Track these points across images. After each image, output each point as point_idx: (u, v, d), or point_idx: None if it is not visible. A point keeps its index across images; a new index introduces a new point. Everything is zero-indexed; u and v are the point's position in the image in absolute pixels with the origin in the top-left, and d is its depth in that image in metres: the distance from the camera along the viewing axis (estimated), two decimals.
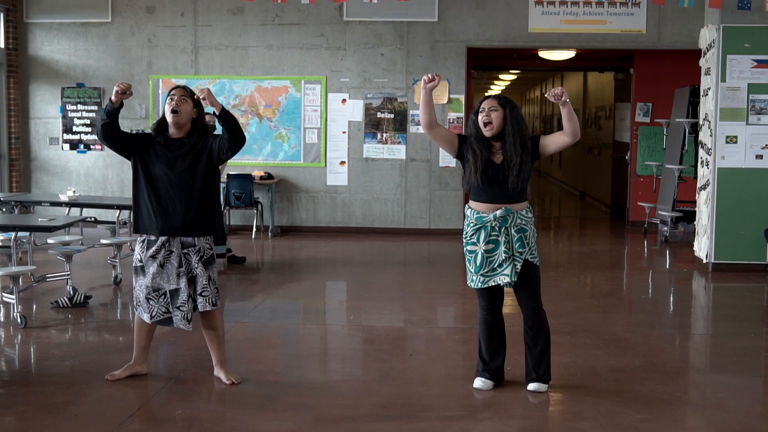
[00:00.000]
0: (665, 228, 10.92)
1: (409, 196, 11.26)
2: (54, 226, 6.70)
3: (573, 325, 6.33)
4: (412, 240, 10.84)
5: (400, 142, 11.22)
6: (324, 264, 9.28)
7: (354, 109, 11.24)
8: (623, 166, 12.97)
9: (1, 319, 6.42)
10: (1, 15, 11.27)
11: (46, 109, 11.64)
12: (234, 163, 11.17)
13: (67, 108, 11.61)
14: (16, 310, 6.13)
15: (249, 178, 10.77)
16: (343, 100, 11.24)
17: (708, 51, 8.87)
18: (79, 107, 11.56)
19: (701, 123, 9.13)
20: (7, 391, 4.79)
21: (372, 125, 11.24)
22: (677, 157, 11.05)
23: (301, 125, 11.31)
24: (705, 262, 8.81)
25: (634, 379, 4.98)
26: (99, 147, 11.59)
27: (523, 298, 4.64)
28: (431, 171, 11.17)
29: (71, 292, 6.85)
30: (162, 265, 4.66)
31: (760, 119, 8.56)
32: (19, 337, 5.89)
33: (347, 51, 11.18)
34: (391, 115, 11.20)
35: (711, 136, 8.71)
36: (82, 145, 11.63)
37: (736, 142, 8.58)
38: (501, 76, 21.00)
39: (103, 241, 8.04)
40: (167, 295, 4.69)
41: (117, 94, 4.59)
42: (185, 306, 4.67)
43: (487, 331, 4.74)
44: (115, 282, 7.65)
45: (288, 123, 11.33)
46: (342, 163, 11.29)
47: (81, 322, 6.40)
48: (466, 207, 4.71)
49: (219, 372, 4.87)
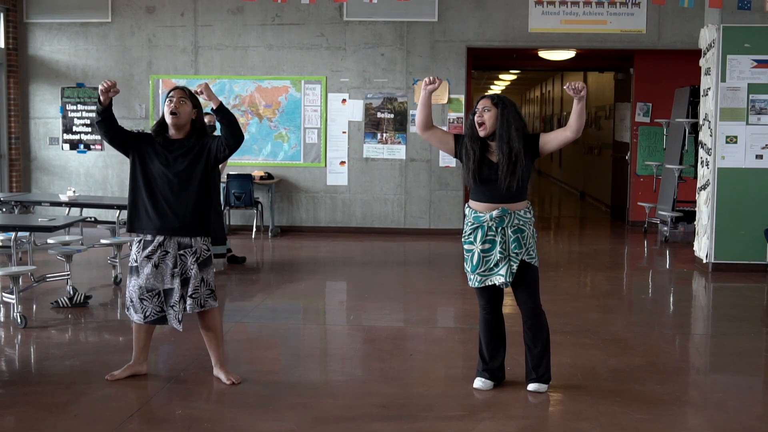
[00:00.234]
0: (665, 228, 10.92)
1: (409, 196, 11.26)
2: (54, 226, 6.70)
3: (573, 325, 6.33)
4: (412, 240, 10.84)
5: (400, 142, 11.22)
6: (324, 264, 9.28)
7: (354, 109, 11.24)
8: (623, 166, 12.98)
9: (1, 319, 6.42)
10: (1, 15, 11.27)
11: (46, 109, 11.64)
12: (234, 163, 11.17)
13: (67, 108, 11.61)
14: (16, 310, 6.13)
15: (249, 178, 10.77)
16: (343, 100, 11.24)
17: (708, 51, 8.87)
18: (79, 107, 11.56)
19: (701, 123, 9.13)
20: (7, 391, 4.79)
21: (372, 125, 11.24)
22: (677, 157, 11.05)
23: (301, 125, 11.31)
24: (705, 262, 8.81)
25: (634, 379, 4.98)
26: (99, 147, 11.60)
27: (522, 298, 4.64)
28: (431, 171, 11.17)
29: (71, 292, 6.85)
30: (156, 266, 4.66)
31: (760, 119, 8.56)
32: (19, 337, 5.89)
33: (347, 51, 11.18)
34: (391, 115, 11.20)
35: (711, 136, 8.71)
36: (82, 145, 11.63)
37: (736, 142, 8.58)
38: (501, 76, 21.01)
39: (103, 241, 8.04)
40: (161, 295, 4.70)
41: (103, 93, 4.60)
42: (177, 306, 4.68)
43: (487, 330, 4.75)
44: (115, 282, 7.65)
45: (288, 123, 11.33)
46: (342, 163, 11.29)
47: (81, 322, 6.40)
48: (466, 206, 4.72)
49: (219, 372, 4.87)
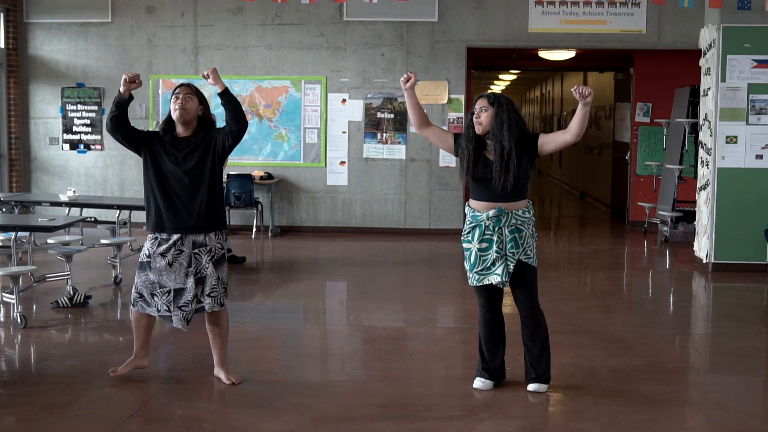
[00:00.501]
0: (665, 228, 10.92)
1: (409, 196, 11.26)
2: (54, 226, 6.70)
3: (573, 325, 6.33)
4: (412, 240, 10.84)
5: (400, 142, 11.22)
6: (324, 264, 9.28)
7: (354, 109, 11.24)
8: (623, 166, 12.98)
9: (1, 319, 6.42)
10: (1, 15, 11.27)
11: (46, 109, 11.64)
12: (234, 163, 11.18)
13: (67, 108, 11.61)
14: (16, 310, 6.13)
15: (249, 178, 10.77)
16: (343, 100, 11.24)
17: (708, 51, 8.87)
18: (79, 107, 11.56)
19: (701, 123, 9.13)
20: (7, 391, 4.79)
21: (372, 125, 11.24)
22: (677, 157, 11.05)
23: (301, 125, 11.31)
24: (705, 262, 8.81)
25: (634, 379, 4.98)
26: (99, 147, 11.60)
27: (520, 298, 4.64)
28: (431, 171, 11.17)
29: (71, 292, 6.85)
30: (170, 264, 4.66)
31: (760, 119, 8.56)
32: (19, 337, 5.90)
33: (347, 51, 11.18)
34: (391, 115, 11.20)
35: (711, 136, 8.71)
36: (82, 145, 11.63)
37: (736, 142, 8.58)
38: (501, 76, 21.01)
39: (103, 241, 8.03)
40: (171, 294, 4.69)
41: (125, 83, 4.60)
42: (188, 306, 4.67)
43: (486, 329, 4.75)
44: (115, 282, 7.65)
45: (288, 123, 11.33)
46: (342, 163, 11.29)
47: (81, 322, 6.40)
48: (466, 205, 4.73)
49: (219, 372, 4.87)
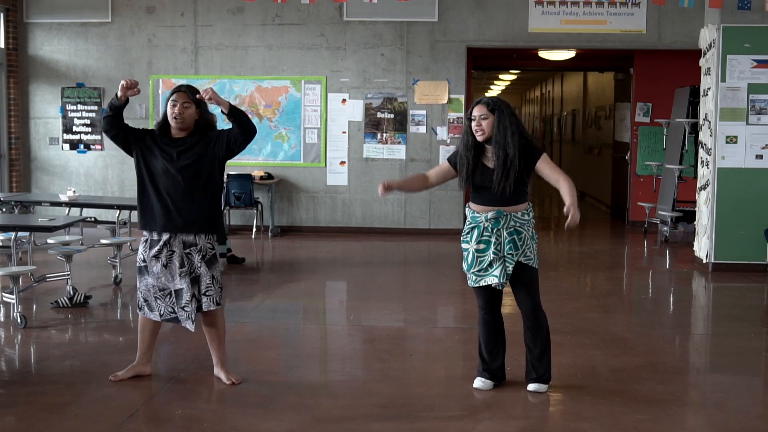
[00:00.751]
0: (665, 228, 10.92)
1: (408, 196, 11.25)
2: (54, 226, 6.70)
3: (573, 325, 6.33)
4: (412, 240, 10.84)
5: (400, 142, 11.22)
6: (324, 264, 9.28)
7: (354, 109, 11.24)
8: (623, 166, 12.98)
9: (1, 319, 6.42)
10: (1, 15, 11.27)
11: (46, 109, 11.65)
12: (234, 163, 11.17)
13: (67, 108, 11.61)
14: (16, 310, 6.13)
15: (249, 178, 10.77)
16: (343, 100, 11.24)
17: (708, 51, 8.87)
18: (79, 107, 11.56)
19: (701, 123, 9.13)
20: (7, 391, 4.79)
21: (372, 125, 11.24)
22: (677, 157, 11.05)
23: (301, 125, 11.31)
24: (705, 262, 8.81)
25: (634, 379, 4.98)
26: (99, 147, 11.60)
27: (520, 299, 4.64)
28: None
29: (71, 292, 6.85)
30: (165, 265, 4.66)
31: (760, 119, 8.56)
32: (19, 337, 5.89)
33: (347, 51, 11.18)
34: (391, 115, 11.21)
35: (711, 136, 8.71)
36: (82, 145, 11.63)
37: (736, 142, 8.58)
38: (501, 76, 21.01)
39: (103, 241, 8.03)
40: (173, 295, 4.69)
41: (123, 89, 4.59)
42: (189, 306, 4.66)
43: (486, 330, 4.75)
44: (115, 282, 7.65)
45: (288, 123, 11.34)
46: (342, 163, 11.29)
47: (81, 322, 6.40)
48: (467, 206, 4.72)
49: (219, 372, 4.86)
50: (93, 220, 9.33)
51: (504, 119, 4.51)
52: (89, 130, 11.59)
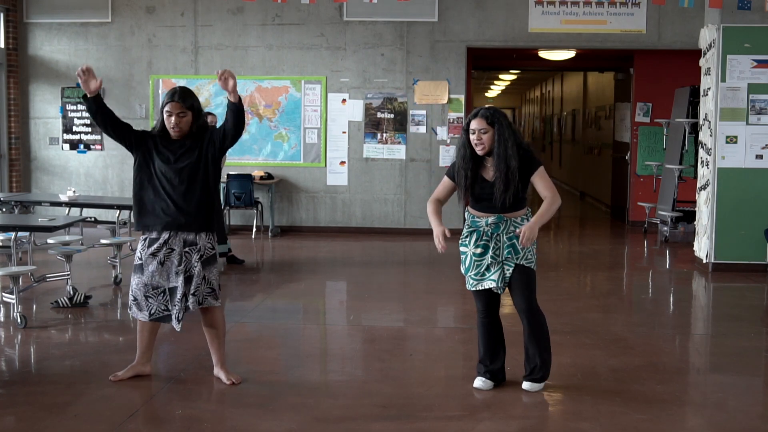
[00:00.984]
0: (665, 228, 10.92)
1: (409, 196, 11.26)
2: (54, 226, 6.70)
3: (573, 325, 6.33)
4: (412, 240, 10.84)
5: (400, 142, 11.22)
6: (324, 264, 9.28)
7: (354, 109, 11.24)
8: (623, 166, 12.98)
9: (1, 319, 6.42)
10: (1, 15, 11.27)
11: (46, 109, 11.65)
12: (234, 163, 11.18)
13: (67, 108, 11.61)
14: (16, 310, 6.13)
15: (249, 178, 10.77)
16: (343, 100, 11.24)
17: (708, 51, 8.87)
18: (79, 107, 11.56)
19: (701, 123, 9.13)
20: (7, 391, 4.79)
21: (372, 125, 11.24)
22: (677, 157, 11.05)
23: (301, 125, 11.31)
24: (705, 262, 8.81)
25: (634, 379, 4.98)
26: (99, 147, 11.60)
27: (518, 300, 4.64)
28: (431, 171, 11.17)
29: (71, 292, 6.85)
30: (162, 263, 4.67)
31: (760, 119, 8.56)
32: (19, 337, 5.89)
33: (347, 51, 11.18)
34: (391, 115, 11.21)
35: (711, 136, 8.71)
36: (82, 145, 11.63)
37: (736, 142, 8.58)
38: (501, 76, 21.01)
39: (103, 241, 8.03)
40: (167, 293, 4.70)
41: (82, 83, 4.61)
42: (179, 305, 4.68)
43: (485, 334, 4.75)
44: (115, 282, 7.65)
45: (288, 123, 11.34)
46: (342, 163, 11.29)
47: (81, 322, 6.40)
48: (466, 209, 4.73)
49: (219, 372, 4.87)
50: (93, 220, 9.33)
51: (503, 131, 4.50)
52: (89, 130, 11.59)
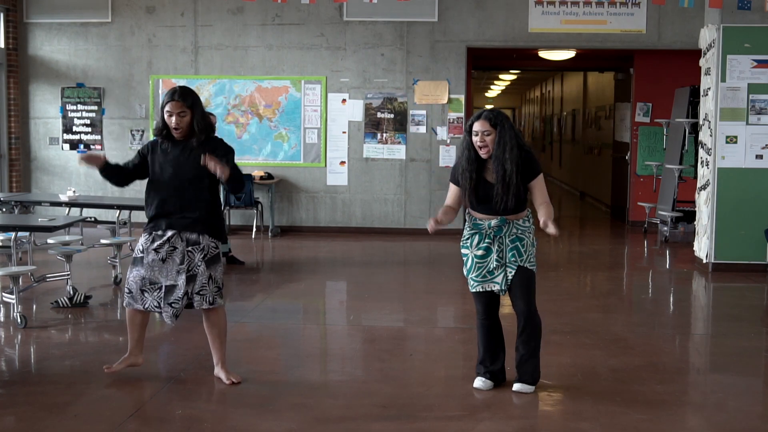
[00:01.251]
0: (665, 228, 10.92)
1: (409, 196, 11.26)
2: (54, 226, 6.70)
3: (573, 325, 6.33)
4: (412, 240, 10.84)
5: (400, 142, 11.22)
6: (324, 264, 9.28)
7: (354, 109, 11.24)
8: (623, 166, 12.98)
9: (1, 319, 6.42)
10: (1, 15, 11.27)
11: (46, 109, 11.65)
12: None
13: (67, 108, 11.61)
14: (16, 310, 6.13)
15: (249, 178, 10.76)
16: (343, 100, 11.24)
17: (708, 51, 8.87)
18: (79, 107, 11.56)
19: (701, 123, 9.13)
20: (7, 391, 4.79)
21: (372, 125, 11.24)
22: (677, 157, 11.05)
23: (301, 125, 11.31)
24: (705, 262, 8.81)
25: (634, 379, 4.98)
26: (99, 147, 11.60)
27: (518, 302, 4.63)
28: (431, 171, 11.17)
29: (71, 292, 6.85)
30: (164, 260, 4.68)
31: (760, 119, 8.56)
32: (19, 337, 5.89)
33: (347, 51, 11.18)
34: (391, 115, 11.21)
35: (711, 136, 8.71)
36: (82, 145, 11.63)
37: (736, 142, 8.58)
38: (501, 76, 21.01)
39: (103, 241, 8.04)
40: (162, 290, 4.71)
41: (87, 164, 4.88)
42: (178, 303, 4.69)
43: (485, 335, 4.75)
44: (115, 282, 7.65)
45: (288, 123, 11.34)
46: (342, 163, 11.29)
47: (81, 322, 6.40)
48: (467, 211, 4.73)
49: (219, 372, 4.87)
50: (93, 220, 9.33)
51: (504, 134, 4.50)
52: (89, 130, 11.59)
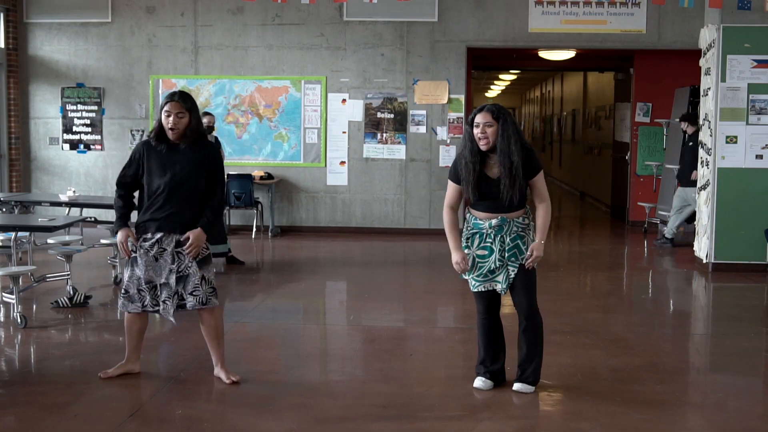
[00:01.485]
0: (665, 228, 10.91)
1: (409, 196, 11.26)
2: (54, 226, 6.70)
3: (573, 325, 6.33)
4: (412, 240, 10.83)
5: (400, 142, 11.22)
6: (324, 264, 9.28)
7: (354, 109, 11.24)
8: (623, 166, 12.97)
9: (1, 319, 6.42)
10: (1, 15, 11.27)
11: (46, 109, 11.64)
12: (234, 163, 11.18)
13: (67, 108, 11.61)
14: (16, 310, 6.13)
15: (249, 178, 10.77)
16: (343, 100, 11.24)
17: (708, 51, 8.87)
18: (79, 107, 11.56)
19: (701, 123, 9.13)
20: (7, 391, 4.79)
21: (372, 125, 11.24)
22: (677, 157, 11.04)
23: (301, 125, 11.31)
24: (705, 262, 8.81)
25: (634, 379, 4.98)
26: (99, 147, 11.60)
27: (519, 301, 4.64)
28: (431, 171, 11.17)
29: (71, 292, 6.85)
30: (156, 259, 4.71)
31: (760, 119, 8.56)
32: (19, 337, 5.89)
33: (347, 51, 11.18)
34: (391, 115, 11.20)
35: (711, 136, 8.71)
36: (82, 145, 11.63)
37: (736, 142, 8.58)
38: (501, 76, 21.01)
39: (103, 241, 8.03)
40: (158, 288, 4.74)
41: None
42: (169, 300, 4.72)
43: (485, 335, 4.75)
44: (115, 282, 7.64)
45: (288, 123, 11.33)
46: (342, 163, 11.29)
47: (81, 322, 6.40)
48: (467, 210, 4.73)
49: (219, 372, 4.87)
50: (93, 220, 9.33)
51: (507, 128, 4.51)
52: (89, 130, 11.59)
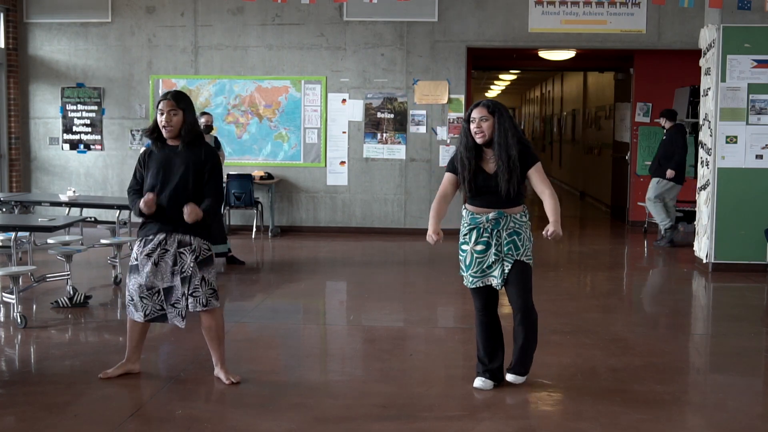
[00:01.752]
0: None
1: (409, 196, 11.26)
2: (54, 226, 6.70)
3: (573, 325, 6.33)
4: (412, 240, 10.83)
5: (400, 142, 11.22)
6: (324, 264, 9.28)
7: (354, 109, 11.24)
8: (623, 166, 12.98)
9: (1, 319, 6.43)
10: (1, 15, 11.27)
11: (46, 109, 11.65)
12: (234, 163, 11.18)
13: (67, 108, 11.61)
14: (16, 310, 6.13)
15: (249, 178, 10.77)
16: (343, 100, 11.24)
17: (708, 51, 8.87)
18: (79, 107, 11.56)
19: (701, 123, 9.13)
20: (7, 391, 4.79)
21: (372, 125, 11.24)
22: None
23: (301, 125, 11.31)
24: (705, 262, 8.81)
25: (634, 379, 4.98)
26: (99, 147, 11.60)
27: (513, 296, 4.64)
28: (431, 171, 11.17)
29: (71, 292, 6.85)
30: (156, 264, 4.70)
31: (760, 119, 8.56)
32: (19, 337, 5.90)
33: (347, 51, 11.18)
34: (391, 115, 11.21)
35: (711, 136, 8.71)
36: (82, 145, 11.63)
37: (736, 142, 8.58)
38: (501, 76, 21.00)
39: (103, 241, 8.04)
40: (161, 293, 4.73)
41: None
42: (180, 303, 4.71)
43: (484, 332, 4.75)
44: (115, 282, 7.65)
45: (288, 123, 11.34)
46: (342, 163, 11.29)
47: (81, 322, 6.40)
48: (463, 207, 4.73)
49: (219, 372, 4.87)
50: (93, 220, 9.33)
51: (504, 122, 4.54)
52: (89, 130, 11.59)
